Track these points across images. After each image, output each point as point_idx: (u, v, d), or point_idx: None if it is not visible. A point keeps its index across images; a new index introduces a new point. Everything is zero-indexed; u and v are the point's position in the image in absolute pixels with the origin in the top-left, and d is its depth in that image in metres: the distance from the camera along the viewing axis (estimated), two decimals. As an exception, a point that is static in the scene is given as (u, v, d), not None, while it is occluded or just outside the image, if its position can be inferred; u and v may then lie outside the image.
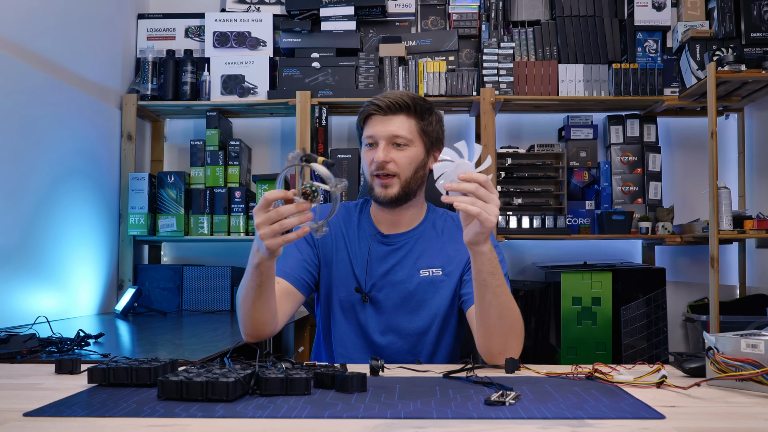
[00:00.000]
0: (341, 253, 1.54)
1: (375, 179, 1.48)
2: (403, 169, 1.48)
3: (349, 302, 1.51)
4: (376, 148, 1.48)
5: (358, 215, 1.59)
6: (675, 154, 3.27)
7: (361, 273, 1.52)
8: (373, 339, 1.50)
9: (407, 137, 1.48)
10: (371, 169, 1.48)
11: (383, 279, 1.51)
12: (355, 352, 1.51)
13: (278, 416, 0.90)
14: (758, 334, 1.16)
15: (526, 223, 2.98)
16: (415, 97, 1.50)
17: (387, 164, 1.46)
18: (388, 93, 1.51)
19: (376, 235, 1.54)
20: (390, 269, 1.52)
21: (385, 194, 1.48)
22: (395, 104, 1.48)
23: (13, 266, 2.17)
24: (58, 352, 1.47)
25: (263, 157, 3.33)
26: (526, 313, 2.98)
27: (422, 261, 1.52)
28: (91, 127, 2.73)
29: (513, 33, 3.09)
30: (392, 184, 1.47)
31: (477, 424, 0.87)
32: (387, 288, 1.50)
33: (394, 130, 1.47)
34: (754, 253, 3.06)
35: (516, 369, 1.27)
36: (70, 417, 0.90)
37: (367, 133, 1.50)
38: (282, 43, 3.10)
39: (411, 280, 1.51)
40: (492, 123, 2.93)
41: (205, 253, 3.25)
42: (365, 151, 1.51)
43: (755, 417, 0.93)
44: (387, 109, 1.48)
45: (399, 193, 1.48)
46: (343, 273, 1.52)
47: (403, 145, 1.48)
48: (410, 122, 1.49)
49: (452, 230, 1.57)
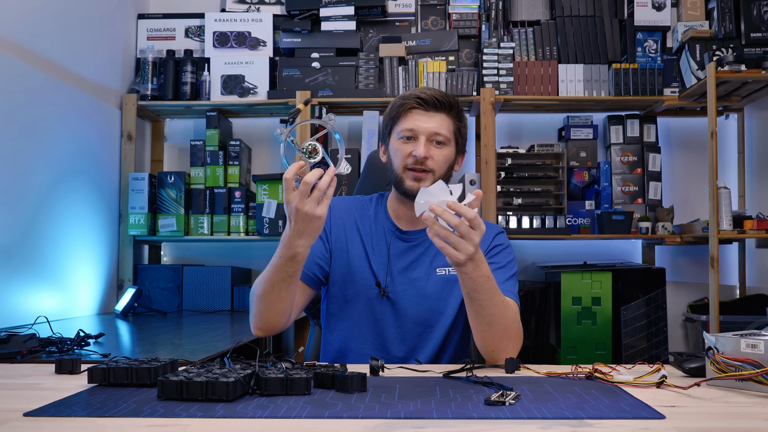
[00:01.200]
0: (356, 246, 1.53)
1: (408, 172, 1.48)
2: (439, 167, 1.48)
3: (366, 296, 1.50)
4: (414, 141, 1.47)
5: (375, 209, 1.58)
6: (675, 154, 3.27)
7: (379, 268, 1.51)
8: (387, 334, 1.49)
9: (447, 136, 1.49)
10: (407, 162, 1.48)
11: (401, 275, 1.51)
12: (367, 346, 1.50)
13: (278, 416, 0.90)
14: (758, 334, 1.16)
15: (526, 223, 2.98)
16: (453, 97, 1.51)
17: (426, 160, 1.46)
18: (425, 89, 1.50)
19: (395, 231, 1.54)
20: (408, 266, 1.52)
21: (417, 188, 1.46)
22: (439, 101, 1.48)
23: (13, 266, 2.17)
24: (58, 352, 1.47)
25: (263, 157, 3.33)
26: (526, 313, 2.98)
27: (438, 260, 1.52)
28: (91, 127, 2.73)
29: (513, 33, 3.09)
30: (426, 179, 1.47)
31: (477, 424, 0.87)
32: (405, 284, 1.50)
33: (436, 127, 1.47)
34: (754, 253, 3.06)
35: (516, 369, 1.27)
36: (70, 417, 0.90)
37: (406, 126, 1.48)
38: (282, 43, 3.10)
39: (428, 279, 1.51)
40: (492, 123, 2.93)
41: (205, 253, 3.25)
42: (400, 143, 1.49)
43: (755, 417, 0.93)
44: (430, 105, 1.48)
45: None
46: (359, 267, 1.51)
47: (441, 144, 1.48)
48: (449, 121, 1.50)
49: None
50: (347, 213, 1.57)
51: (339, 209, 1.57)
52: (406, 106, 1.49)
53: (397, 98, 1.52)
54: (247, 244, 3.17)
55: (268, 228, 2.91)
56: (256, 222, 2.98)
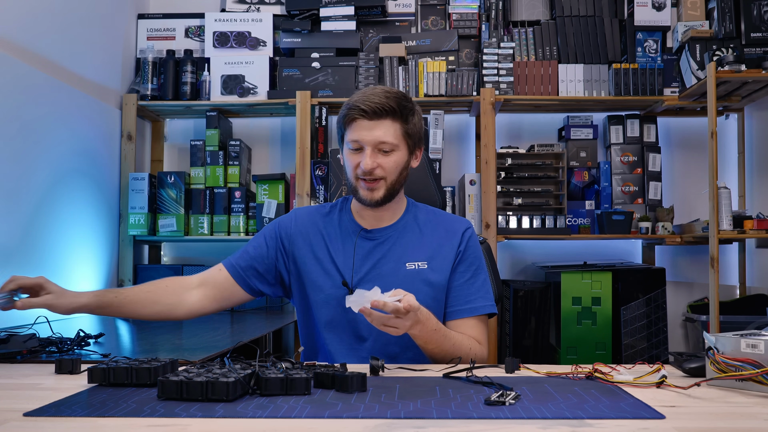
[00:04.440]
0: (321, 251, 1.54)
1: (360, 182, 1.49)
2: (389, 173, 1.48)
3: (335, 298, 1.51)
4: (361, 152, 1.47)
5: (339, 214, 1.59)
6: (675, 154, 3.27)
7: (346, 269, 1.52)
8: (362, 333, 1.51)
9: (393, 143, 1.47)
10: (356, 173, 1.49)
11: (370, 273, 1.52)
12: (341, 345, 1.52)
13: (278, 416, 0.90)
14: (758, 334, 1.16)
15: (526, 223, 2.98)
16: (398, 98, 1.48)
17: (374, 170, 1.47)
18: (370, 94, 1.47)
19: (360, 231, 1.55)
20: (376, 263, 1.53)
21: (371, 197, 1.49)
22: (381, 109, 1.45)
23: (14, 266, 2.17)
24: (58, 352, 1.47)
25: (263, 157, 3.33)
26: (526, 313, 2.98)
27: (407, 255, 1.53)
28: (91, 127, 2.73)
29: (513, 33, 3.09)
30: (378, 188, 1.48)
31: (477, 424, 0.87)
32: (375, 280, 1.50)
33: (380, 136, 1.46)
34: (754, 253, 3.06)
35: (516, 369, 1.27)
36: (70, 417, 0.90)
37: (351, 137, 1.48)
38: (282, 43, 3.10)
39: (397, 273, 1.52)
40: (492, 123, 2.93)
41: (205, 253, 3.25)
42: (349, 154, 1.50)
43: (755, 417, 0.93)
44: (372, 113, 1.46)
45: (385, 195, 1.50)
46: (326, 271, 1.53)
47: (389, 151, 1.48)
48: (395, 126, 1.48)
49: (434, 225, 1.58)
50: (310, 222, 1.58)
51: (301, 219, 1.59)
52: (349, 117, 1.48)
53: (344, 105, 1.50)
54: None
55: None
56: (256, 222, 2.98)
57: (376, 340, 1.51)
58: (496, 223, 2.90)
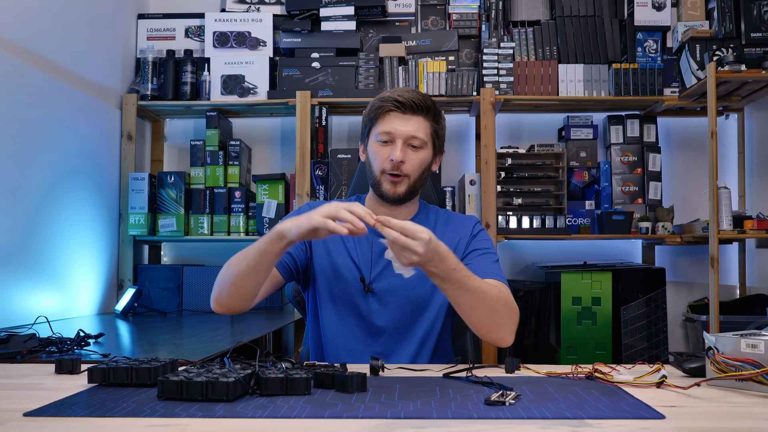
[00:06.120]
0: (338, 246, 1.55)
1: (385, 176, 1.50)
2: (413, 171, 1.50)
3: (349, 293, 1.52)
4: (391, 144, 1.49)
5: None
6: (675, 154, 3.27)
7: (364, 265, 1.53)
8: (375, 329, 1.51)
9: (423, 139, 1.49)
10: (384, 166, 1.49)
11: (385, 270, 1.52)
12: (356, 342, 1.52)
13: (278, 416, 0.90)
14: (758, 334, 1.17)
15: (526, 223, 2.98)
16: (431, 99, 1.52)
17: (402, 165, 1.48)
18: (404, 91, 1.50)
19: (376, 230, 1.55)
20: (391, 261, 1.53)
21: (393, 192, 1.50)
22: (416, 104, 1.48)
23: (13, 266, 2.17)
24: (58, 352, 1.47)
25: (263, 157, 3.33)
26: (526, 313, 2.98)
27: None
28: (91, 127, 2.73)
29: (513, 33, 3.09)
30: (401, 183, 1.50)
31: (477, 424, 0.87)
32: (389, 278, 1.52)
33: (412, 130, 1.48)
34: (754, 253, 3.06)
35: (516, 369, 1.27)
36: (70, 417, 0.90)
37: (383, 129, 1.49)
38: (282, 43, 3.10)
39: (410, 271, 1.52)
40: (492, 123, 2.93)
41: (205, 253, 3.25)
42: (378, 146, 1.51)
43: (755, 417, 0.93)
44: (407, 107, 1.48)
45: (406, 192, 1.51)
46: (343, 266, 1.53)
47: (417, 147, 1.49)
48: (426, 124, 1.50)
49: (443, 224, 1.60)
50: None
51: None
52: (384, 109, 1.49)
53: (376, 99, 1.52)
54: (247, 244, 3.12)
55: (268, 228, 2.91)
56: (256, 222, 2.98)
57: (390, 337, 1.51)
58: (496, 223, 2.90)
